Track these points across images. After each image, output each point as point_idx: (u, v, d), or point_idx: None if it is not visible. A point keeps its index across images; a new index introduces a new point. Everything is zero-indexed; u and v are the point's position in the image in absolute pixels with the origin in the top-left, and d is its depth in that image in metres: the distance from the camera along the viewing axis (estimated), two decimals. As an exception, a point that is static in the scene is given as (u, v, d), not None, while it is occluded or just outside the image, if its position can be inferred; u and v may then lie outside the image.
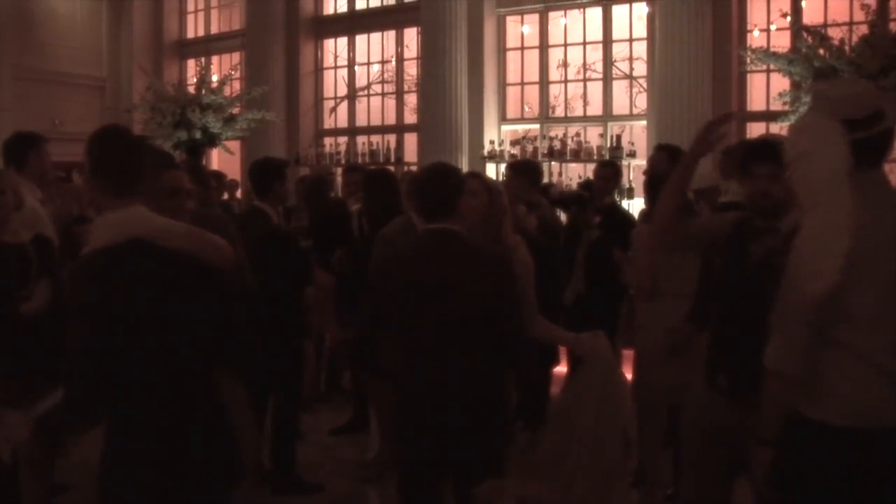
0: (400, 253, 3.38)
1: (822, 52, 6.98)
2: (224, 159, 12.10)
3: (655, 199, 4.24)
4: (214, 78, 11.62)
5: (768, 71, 8.44)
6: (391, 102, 11.87)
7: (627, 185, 8.87)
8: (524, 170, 5.90)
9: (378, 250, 4.40)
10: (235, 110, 11.07)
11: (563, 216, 6.38)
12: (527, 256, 3.72)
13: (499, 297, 3.06)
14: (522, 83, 10.65)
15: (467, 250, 3.13)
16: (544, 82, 10.34)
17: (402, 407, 3.19)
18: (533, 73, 10.46)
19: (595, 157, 9.65)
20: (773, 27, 8.42)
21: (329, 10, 12.48)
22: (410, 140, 11.42)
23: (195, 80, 11.75)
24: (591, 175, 9.09)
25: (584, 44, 10.15)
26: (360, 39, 12.12)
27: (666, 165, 5.04)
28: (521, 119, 10.72)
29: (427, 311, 3.05)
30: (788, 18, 7.88)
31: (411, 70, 11.60)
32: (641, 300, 4.49)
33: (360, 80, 12.19)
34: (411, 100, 11.61)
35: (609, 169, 6.10)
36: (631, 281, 4.56)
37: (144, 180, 2.52)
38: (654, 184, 4.78)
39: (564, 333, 3.88)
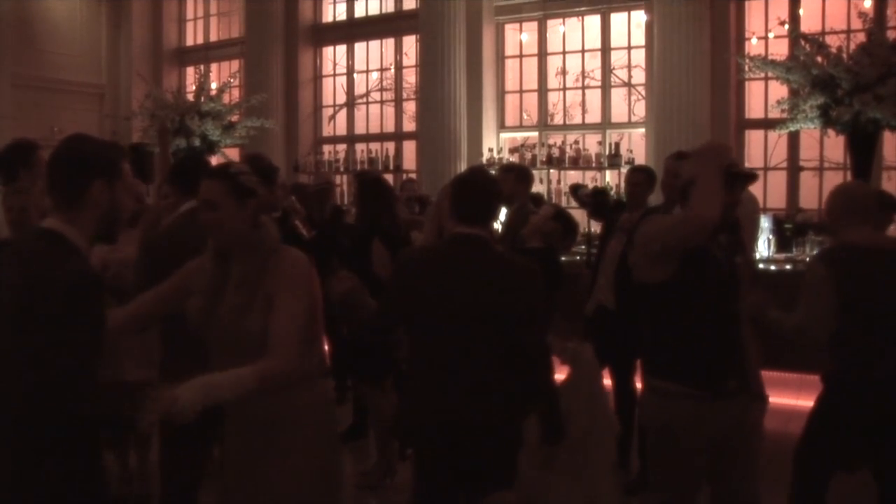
0: (428, 252, 3.37)
1: (819, 59, 6.99)
2: (223, 167, 12.09)
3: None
4: (213, 85, 11.63)
5: (766, 79, 8.46)
6: (390, 110, 11.89)
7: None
8: (526, 175, 5.94)
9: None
10: (234, 118, 11.08)
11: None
12: None
13: (523, 306, 3.07)
14: (521, 91, 10.66)
15: (494, 257, 3.15)
16: (543, 90, 10.36)
17: (415, 406, 3.16)
18: (531, 81, 10.48)
19: (594, 165, 9.68)
20: (770, 35, 8.45)
21: (328, 17, 12.50)
22: (409, 148, 11.43)
23: (194, 87, 11.76)
24: (583, 181, 9.14)
25: (583, 51, 10.17)
26: (359, 47, 12.14)
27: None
28: (520, 127, 10.73)
29: (451, 314, 3.04)
30: (786, 26, 7.89)
31: (410, 78, 11.61)
32: None
33: (359, 88, 12.20)
34: (410, 107, 11.63)
35: (641, 174, 5.56)
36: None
37: (69, 196, 2.38)
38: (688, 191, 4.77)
39: (551, 338, 3.91)
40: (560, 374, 5.49)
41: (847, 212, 3.60)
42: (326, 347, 6.64)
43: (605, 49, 9.94)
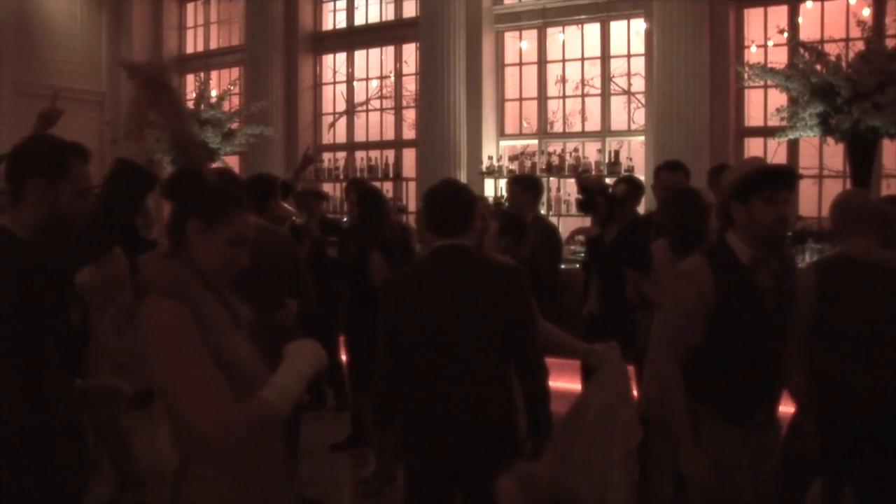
0: (411, 270, 3.37)
1: (818, 67, 6.99)
2: (223, 174, 12.08)
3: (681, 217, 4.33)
4: (213, 93, 11.64)
5: (766, 87, 8.47)
6: (390, 118, 11.89)
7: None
8: (531, 184, 6.01)
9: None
10: (234, 125, 11.08)
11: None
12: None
13: (515, 308, 3.09)
14: (521, 99, 10.67)
15: (481, 264, 3.17)
16: (542, 98, 10.37)
17: (414, 422, 3.16)
18: (531, 89, 10.49)
19: (593, 173, 9.66)
20: (770, 43, 8.45)
21: (328, 25, 12.52)
22: (409, 155, 11.43)
23: (194, 94, 11.77)
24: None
25: (583, 59, 10.18)
26: (359, 55, 12.15)
27: (686, 183, 5.13)
28: (520, 134, 10.73)
29: (442, 326, 3.04)
30: (785, 34, 7.88)
31: (410, 86, 11.62)
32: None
33: (359, 96, 12.22)
34: (410, 115, 11.64)
35: (626, 186, 5.61)
36: (650, 296, 4.54)
37: (11, 193, 2.52)
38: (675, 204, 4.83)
39: (576, 343, 3.89)
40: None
41: (846, 222, 3.56)
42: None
43: (605, 57, 9.95)
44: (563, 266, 7.66)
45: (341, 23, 12.34)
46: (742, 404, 3.03)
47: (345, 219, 6.60)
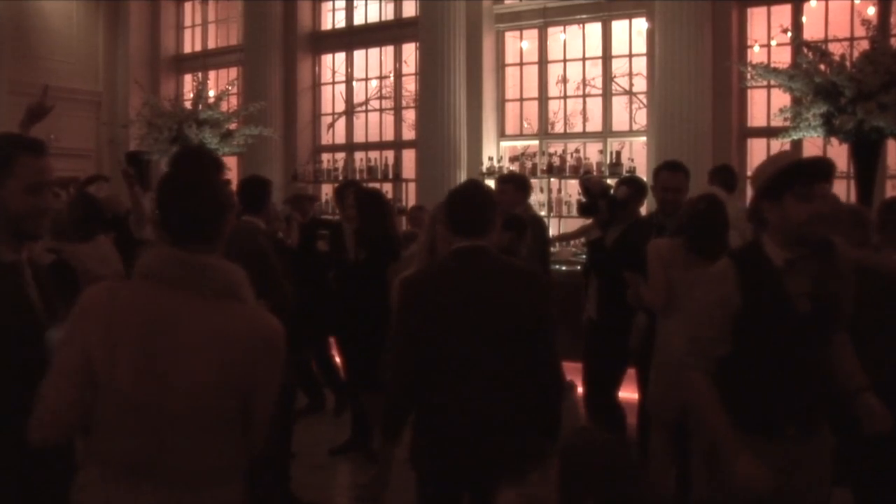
0: (433, 271, 3.32)
1: (822, 67, 6.94)
2: (221, 175, 12.01)
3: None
4: (211, 93, 11.57)
5: (769, 87, 8.41)
6: (389, 118, 11.83)
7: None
8: (524, 183, 6.05)
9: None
10: (233, 126, 11.02)
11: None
12: None
13: (534, 312, 3.04)
14: (521, 99, 10.61)
15: (501, 266, 3.12)
16: (543, 98, 10.30)
17: (429, 427, 3.10)
18: (532, 89, 10.42)
19: (594, 174, 9.61)
20: (773, 42, 8.40)
21: (327, 25, 12.46)
22: (409, 156, 11.37)
23: (192, 95, 11.71)
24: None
25: (584, 59, 10.12)
26: (359, 55, 12.10)
27: (686, 184, 5.10)
28: (520, 135, 10.67)
29: (462, 327, 3.00)
30: (789, 34, 7.83)
31: (409, 86, 11.56)
32: (656, 313, 4.48)
33: (358, 96, 12.15)
34: (410, 116, 11.57)
35: (629, 187, 5.45)
36: (646, 298, 4.51)
37: None
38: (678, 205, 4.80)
39: None
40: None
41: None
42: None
43: (606, 57, 9.89)
44: (564, 268, 7.65)
45: (340, 22, 12.29)
46: (767, 415, 2.81)
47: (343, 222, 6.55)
